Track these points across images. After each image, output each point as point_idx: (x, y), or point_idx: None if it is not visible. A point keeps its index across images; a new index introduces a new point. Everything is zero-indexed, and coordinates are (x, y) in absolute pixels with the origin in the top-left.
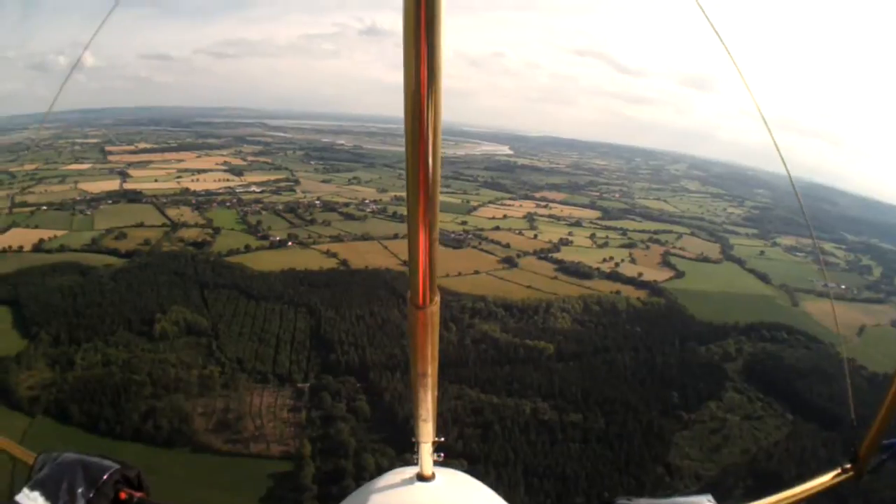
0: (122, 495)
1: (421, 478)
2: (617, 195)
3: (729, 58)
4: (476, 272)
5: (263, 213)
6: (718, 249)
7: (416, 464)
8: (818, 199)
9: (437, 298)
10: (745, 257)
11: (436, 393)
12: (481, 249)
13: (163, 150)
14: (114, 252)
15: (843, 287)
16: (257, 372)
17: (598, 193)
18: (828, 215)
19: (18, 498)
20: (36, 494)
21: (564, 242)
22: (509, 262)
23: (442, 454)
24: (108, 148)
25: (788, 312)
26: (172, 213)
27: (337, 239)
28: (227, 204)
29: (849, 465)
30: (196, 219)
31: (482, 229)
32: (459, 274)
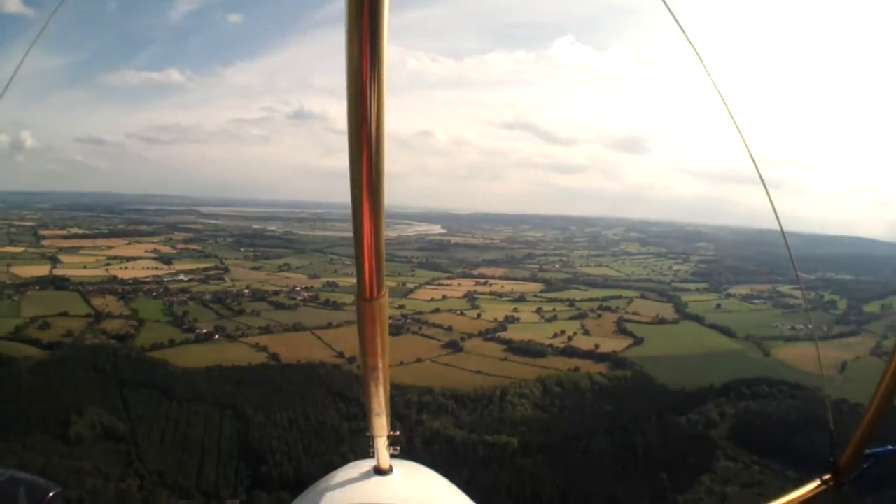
0: None
1: (378, 471)
2: (557, 266)
3: (721, 101)
4: (419, 360)
5: (190, 303)
6: (672, 309)
7: (371, 457)
8: (766, 245)
9: (385, 291)
10: (701, 313)
11: (388, 387)
12: (422, 335)
13: (94, 236)
14: (36, 342)
15: (810, 326)
16: (180, 487)
17: (537, 266)
18: (778, 258)
19: None
20: None
21: (510, 320)
22: (453, 347)
23: (398, 447)
24: (41, 232)
25: (762, 364)
26: (98, 301)
27: (266, 330)
28: (154, 293)
29: (828, 476)
30: (121, 309)
31: (421, 312)
32: (401, 363)
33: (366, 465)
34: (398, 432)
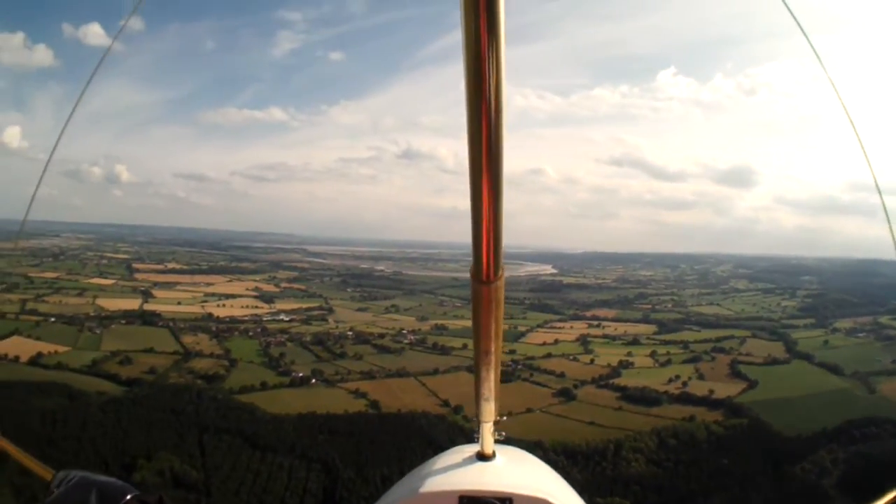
0: None
1: (481, 456)
2: (669, 305)
3: (849, 122)
4: (529, 410)
5: (289, 344)
6: (783, 348)
7: (476, 442)
8: (866, 275)
9: (503, 273)
10: (811, 351)
11: (499, 372)
12: (533, 382)
13: (192, 272)
14: (114, 377)
15: None
16: None
17: (649, 306)
18: (877, 288)
19: None
20: None
21: (624, 365)
22: (566, 395)
23: (503, 433)
24: (135, 265)
25: (868, 402)
26: (188, 339)
27: (368, 375)
28: (251, 333)
29: None
30: (213, 348)
31: (532, 357)
32: (510, 414)
33: (468, 449)
34: (505, 417)
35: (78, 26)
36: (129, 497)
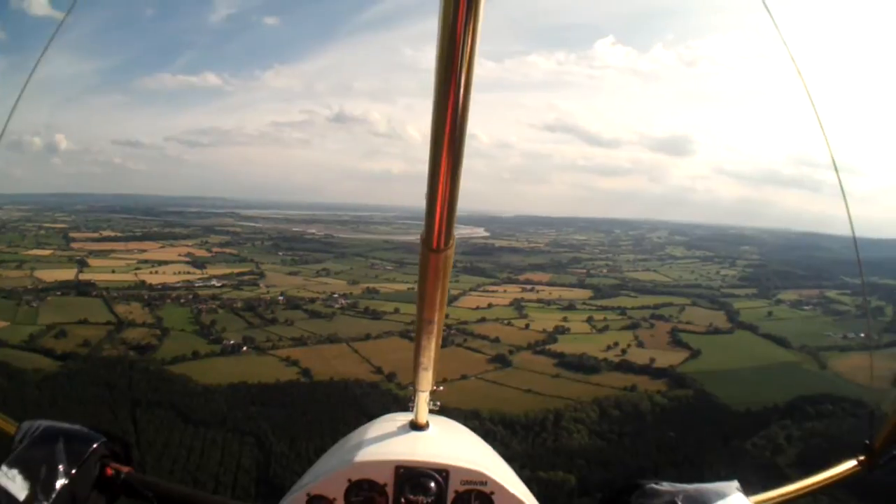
0: (109, 471)
1: (414, 426)
2: (604, 270)
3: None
4: (464, 377)
5: (220, 311)
6: (725, 317)
7: (409, 410)
8: (809, 248)
9: (453, 243)
10: (754, 321)
11: (440, 341)
12: (468, 347)
13: (126, 240)
14: (50, 352)
15: (861, 335)
16: None
17: (584, 271)
18: (823, 262)
19: None
20: (14, 472)
21: (560, 330)
22: (502, 361)
23: (438, 403)
24: (72, 234)
25: (820, 377)
26: (121, 309)
27: (300, 342)
28: (182, 300)
29: (863, 458)
30: (145, 317)
31: (466, 322)
32: (445, 380)
33: (401, 418)
34: (441, 387)
35: None
36: (95, 445)
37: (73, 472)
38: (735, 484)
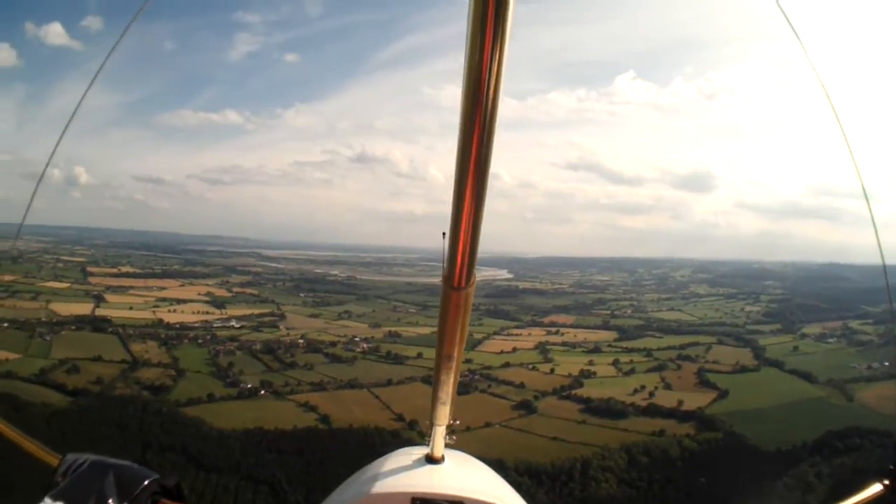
0: None
1: (430, 459)
2: (629, 311)
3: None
4: (487, 424)
5: (238, 352)
6: (751, 355)
7: (426, 444)
8: (830, 279)
9: (474, 281)
10: (780, 358)
11: (458, 377)
12: (491, 394)
13: (145, 276)
14: (61, 387)
15: (886, 364)
16: None
17: (608, 312)
18: (843, 292)
19: None
20: None
21: (586, 374)
22: (526, 408)
23: (454, 436)
24: (90, 268)
25: (848, 410)
26: (137, 347)
27: (319, 387)
28: (200, 341)
29: (888, 482)
30: (161, 356)
31: (490, 367)
32: (468, 429)
33: (416, 451)
34: (458, 421)
35: (40, 25)
36: (147, 482)
37: None
38: None
